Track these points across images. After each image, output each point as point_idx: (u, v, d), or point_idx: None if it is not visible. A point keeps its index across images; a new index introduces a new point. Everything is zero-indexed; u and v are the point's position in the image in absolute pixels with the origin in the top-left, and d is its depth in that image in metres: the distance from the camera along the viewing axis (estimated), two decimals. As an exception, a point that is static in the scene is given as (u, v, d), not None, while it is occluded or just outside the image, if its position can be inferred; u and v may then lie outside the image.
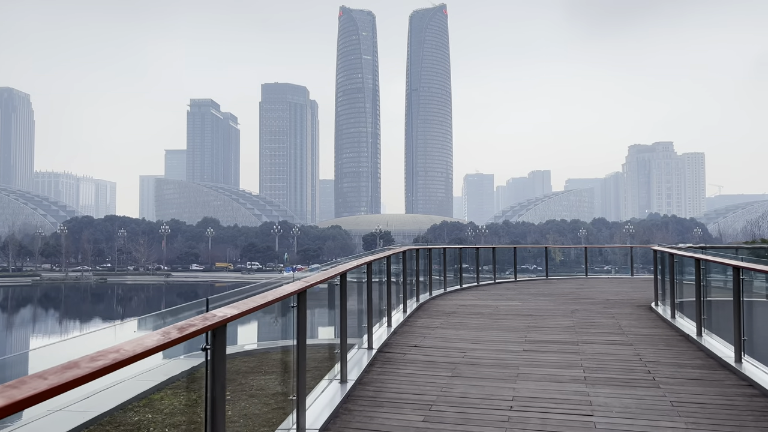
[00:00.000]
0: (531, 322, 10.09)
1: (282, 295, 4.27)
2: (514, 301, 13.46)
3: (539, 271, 21.84)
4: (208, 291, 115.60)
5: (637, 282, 19.66)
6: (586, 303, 12.95)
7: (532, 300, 13.76)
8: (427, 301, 13.11)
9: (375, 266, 8.52)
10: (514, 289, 16.75)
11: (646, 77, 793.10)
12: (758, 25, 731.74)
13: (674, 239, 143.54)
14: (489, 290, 16.58)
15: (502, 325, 9.84)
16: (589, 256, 23.98)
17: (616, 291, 16.00)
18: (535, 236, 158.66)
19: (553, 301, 13.34)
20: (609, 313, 11.23)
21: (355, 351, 7.55)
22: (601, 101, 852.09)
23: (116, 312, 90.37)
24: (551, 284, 18.77)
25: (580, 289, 16.63)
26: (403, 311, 10.76)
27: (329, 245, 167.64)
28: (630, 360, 7.27)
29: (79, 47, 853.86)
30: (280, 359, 16.81)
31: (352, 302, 7.77)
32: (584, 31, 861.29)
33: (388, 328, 9.17)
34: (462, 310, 11.67)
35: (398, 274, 10.88)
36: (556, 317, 10.71)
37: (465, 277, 17.78)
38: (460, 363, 7.17)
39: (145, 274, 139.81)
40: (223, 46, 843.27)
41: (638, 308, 11.89)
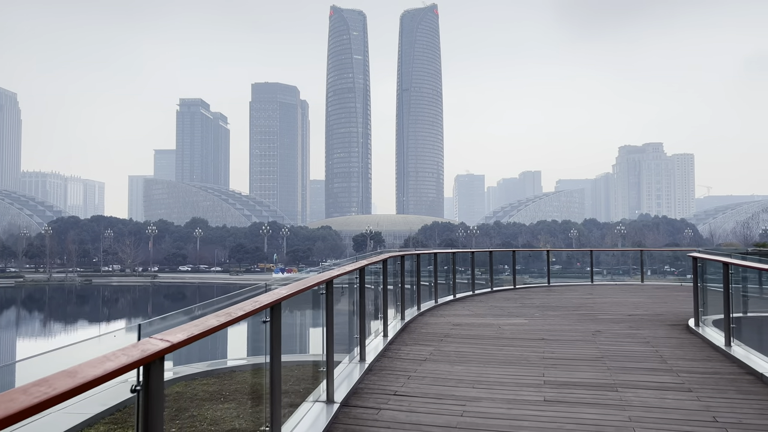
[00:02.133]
0: (546, 351, 7.90)
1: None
2: (518, 318, 11.28)
3: (533, 272, 19.85)
4: (196, 292, 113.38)
5: (650, 290, 17.54)
6: (606, 320, 10.80)
7: (540, 315, 11.60)
8: (415, 319, 10.91)
9: (350, 278, 6.67)
10: (515, 300, 14.63)
11: (636, 78, 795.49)
12: (747, 27, 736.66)
13: (665, 240, 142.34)
14: (486, 301, 14.44)
15: (509, 357, 7.61)
16: (584, 258, 21.57)
17: (634, 303, 13.86)
18: (526, 237, 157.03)
19: (565, 318, 11.16)
20: (640, 336, 9.06)
21: (309, 406, 5.34)
22: (591, 102, 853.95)
23: (102, 314, 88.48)
24: (555, 293, 16.64)
25: (591, 300, 14.50)
26: (383, 335, 8.56)
27: (319, 246, 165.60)
28: (701, 420, 5.09)
29: (69, 47, 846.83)
30: (250, 381, 14.51)
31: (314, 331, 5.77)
32: (575, 33, 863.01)
33: (360, 363, 6.92)
34: (457, 332, 9.47)
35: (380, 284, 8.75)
36: (575, 342, 8.54)
37: (459, 284, 15.60)
38: (458, 427, 4.97)
39: (131, 275, 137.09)
40: (213, 45, 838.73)
41: (673, 328, 9.72)
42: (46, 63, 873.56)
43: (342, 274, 6.38)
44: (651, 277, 27.42)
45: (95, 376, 1.91)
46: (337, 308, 9.75)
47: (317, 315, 6.05)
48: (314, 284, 5.32)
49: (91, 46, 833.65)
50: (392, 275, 10.39)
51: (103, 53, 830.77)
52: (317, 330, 5.84)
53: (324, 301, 5.79)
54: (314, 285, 5.33)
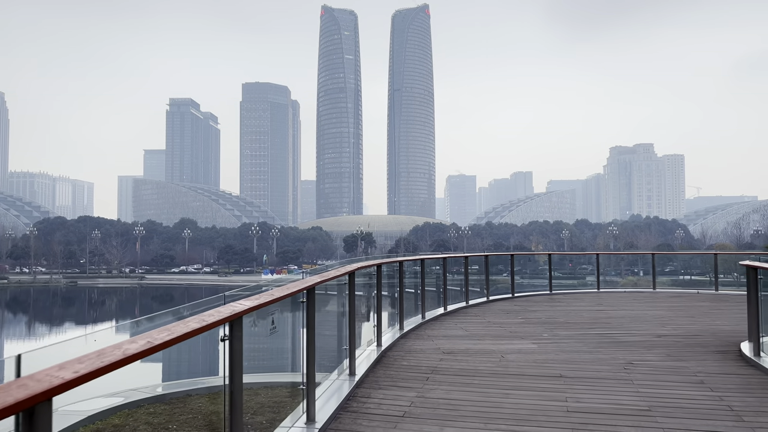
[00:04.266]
0: (570, 398, 5.76)
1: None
2: (523, 340, 9.17)
3: (525, 273, 17.92)
4: (184, 294, 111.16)
5: (666, 299, 15.47)
6: (634, 344, 8.68)
7: (549, 336, 9.49)
8: (396, 343, 8.77)
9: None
10: (516, 313, 12.53)
11: (627, 80, 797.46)
12: (737, 29, 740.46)
13: (657, 241, 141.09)
14: (483, 314, 12.32)
15: (520, 409, 5.43)
16: (575, 259, 19.37)
17: (657, 317, 11.76)
18: (518, 238, 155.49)
19: (582, 341, 9.04)
20: (687, 371, 6.92)
21: None
22: (582, 103, 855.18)
23: (89, 316, 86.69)
24: (560, 303, 14.56)
25: (604, 314, 12.39)
26: (349, 372, 6.42)
27: (309, 247, 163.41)
28: None
29: (58, 46, 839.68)
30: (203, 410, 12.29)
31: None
32: (566, 34, 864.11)
33: (307, 426, 4.81)
34: (448, 365, 7.31)
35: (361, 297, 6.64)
36: (604, 382, 6.42)
37: (450, 290, 13.45)
38: None
39: (117, 276, 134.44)
40: (203, 45, 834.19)
41: (724, 358, 7.60)
42: (35, 62, 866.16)
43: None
44: (644, 278, 25.48)
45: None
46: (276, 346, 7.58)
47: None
48: (285, 295, 4.40)
49: (81, 45, 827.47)
50: (366, 288, 8.29)
51: (93, 53, 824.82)
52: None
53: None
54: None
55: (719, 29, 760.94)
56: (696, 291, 17.99)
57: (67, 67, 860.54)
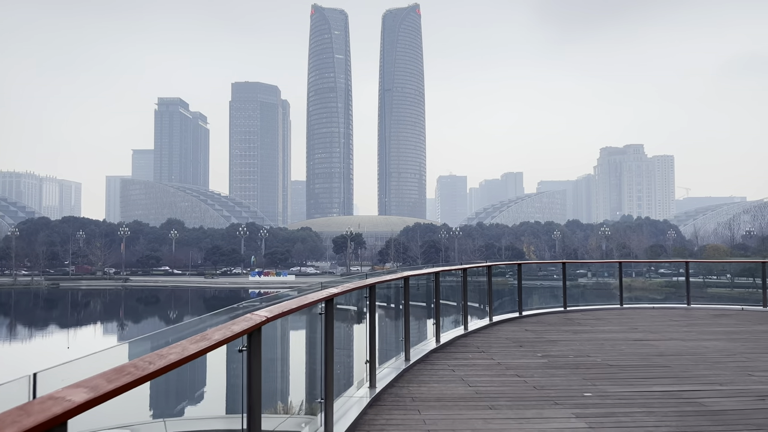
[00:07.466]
0: None
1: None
2: (560, 408, 6.15)
3: (512, 273, 14.98)
4: (170, 296, 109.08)
5: (711, 319, 13.46)
6: (736, 416, 5.85)
7: (596, 399, 6.56)
8: (364, 415, 5.86)
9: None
10: (530, 345, 10.14)
11: (617, 81, 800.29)
12: (726, 29, 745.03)
13: (649, 242, 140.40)
14: (488, 349, 9.82)
15: None
16: (568, 263, 17.01)
17: (727, 354, 9.25)
18: (509, 238, 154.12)
19: (652, 412, 5.98)
20: None
21: None
22: (573, 104, 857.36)
23: (71, 319, 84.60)
24: (582, 326, 12.39)
25: (650, 346, 9.94)
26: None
27: (298, 248, 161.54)
28: None
29: (46, 46, 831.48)
30: None
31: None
32: (556, 35, 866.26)
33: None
34: None
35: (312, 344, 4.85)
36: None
37: (445, 306, 11.10)
38: None
39: (101, 278, 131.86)
40: (193, 44, 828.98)
41: None
42: (22, 62, 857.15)
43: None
44: (637, 280, 23.70)
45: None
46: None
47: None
48: (302, 305, 4.39)
49: (69, 45, 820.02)
50: (312, 329, 5.69)
51: (81, 52, 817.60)
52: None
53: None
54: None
55: (708, 30, 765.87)
56: (741, 308, 15.63)
57: (56, 67, 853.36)
